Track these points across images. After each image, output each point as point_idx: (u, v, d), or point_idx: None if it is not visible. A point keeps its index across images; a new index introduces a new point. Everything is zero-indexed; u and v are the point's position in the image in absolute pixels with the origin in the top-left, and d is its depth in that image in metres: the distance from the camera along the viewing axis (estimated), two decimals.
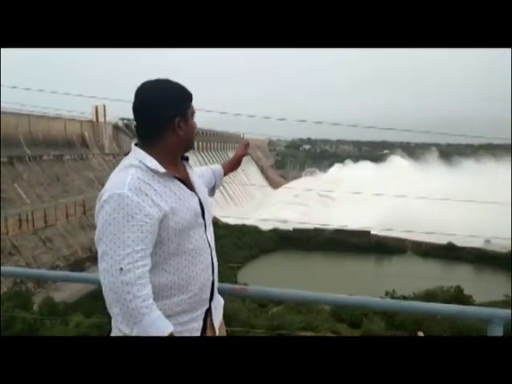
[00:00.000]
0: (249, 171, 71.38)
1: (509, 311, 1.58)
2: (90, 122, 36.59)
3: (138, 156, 1.34)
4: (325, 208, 51.29)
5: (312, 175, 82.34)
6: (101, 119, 37.05)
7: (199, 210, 1.41)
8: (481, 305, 14.10)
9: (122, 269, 1.20)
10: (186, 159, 1.51)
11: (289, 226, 35.14)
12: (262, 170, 79.95)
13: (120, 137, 39.08)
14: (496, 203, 33.90)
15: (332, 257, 30.89)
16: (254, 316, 13.39)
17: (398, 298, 16.45)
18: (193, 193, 1.41)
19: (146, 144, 1.37)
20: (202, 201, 1.44)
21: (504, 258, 29.96)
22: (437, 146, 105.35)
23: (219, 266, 1.52)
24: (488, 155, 78.98)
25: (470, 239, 31.96)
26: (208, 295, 1.44)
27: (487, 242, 35.05)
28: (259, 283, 18.94)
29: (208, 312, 1.45)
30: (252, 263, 29.92)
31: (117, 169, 1.35)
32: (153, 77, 1.36)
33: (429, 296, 16.22)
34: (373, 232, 33.97)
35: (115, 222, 1.22)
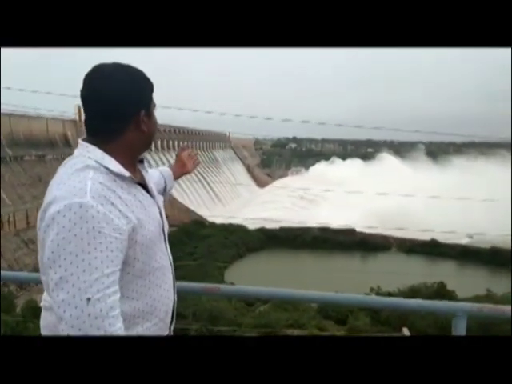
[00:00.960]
0: (235, 170, 71.26)
1: (471, 305, 1.65)
2: (73, 121, 36.01)
3: (94, 156, 1.10)
4: (312, 206, 51.56)
5: (298, 174, 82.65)
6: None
7: (161, 221, 1.22)
8: (464, 300, 14.38)
9: (89, 299, 0.96)
10: (141, 161, 1.28)
11: (275, 225, 35.21)
12: (249, 169, 79.90)
13: None
14: (484, 200, 34.59)
15: (318, 255, 31.08)
16: (241, 315, 13.38)
17: (382, 294, 16.65)
18: (154, 201, 1.22)
19: (100, 141, 1.13)
20: (161, 210, 1.25)
21: (486, 253, 30.59)
22: (420, 144, 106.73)
23: (207, 265, 1.46)
24: (472, 153, 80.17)
25: (454, 235, 32.59)
26: (170, 319, 1.27)
27: (470, 238, 35.75)
28: (246, 282, 18.94)
29: None
30: (239, 262, 29.89)
31: (65, 170, 1.09)
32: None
33: (413, 292, 16.45)
34: (358, 229, 34.31)
35: (77, 239, 0.97)
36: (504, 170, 51.12)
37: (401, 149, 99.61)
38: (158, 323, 1.20)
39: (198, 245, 29.65)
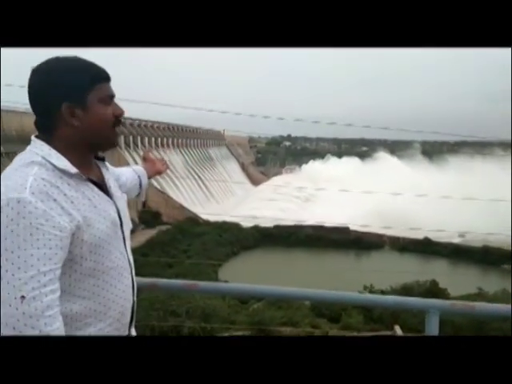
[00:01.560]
0: (229, 168, 71.19)
1: (443, 301, 1.72)
2: None
3: (40, 151, 1.09)
4: (306, 204, 51.67)
5: (293, 172, 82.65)
6: None
7: (117, 220, 1.20)
8: (456, 298, 14.53)
9: (23, 297, 0.94)
10: (102, 159, 1.27)
11: (270, 223, 35.25)
12: (243, 167, 79.81)
13: None
14: (478, 200, 34.87)
15: (312, 253, 31.19)
16: (235, 312, 13.39)
17: (375, 292, 16.76)
18: (110, 199, 1.20)
19: (45, 137, 1.13)
20: (120, 209, 1.23)
21: (478, 252, 30.91)
22: (416, 143, 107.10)
23: (200, 264, 1.45)
24: (466, 152, 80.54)
25: (446, 234, 32.88)
26: (128, 320, 1.25)
27: (462, 237, 36.06)
28: (240, 280, 18.95)
29: None
30: (233, 260, 29.92)
31: (11, 166, 1.08)
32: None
33: (406, 290, 16.57)
34: (352, 228, 34.43)
35: (13, 235, 0.95)
36: (499, 170, 51.54)
37: (395, 148, 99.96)
38: (112, 323, 1.18)
39: (192, 242, 29.61)
